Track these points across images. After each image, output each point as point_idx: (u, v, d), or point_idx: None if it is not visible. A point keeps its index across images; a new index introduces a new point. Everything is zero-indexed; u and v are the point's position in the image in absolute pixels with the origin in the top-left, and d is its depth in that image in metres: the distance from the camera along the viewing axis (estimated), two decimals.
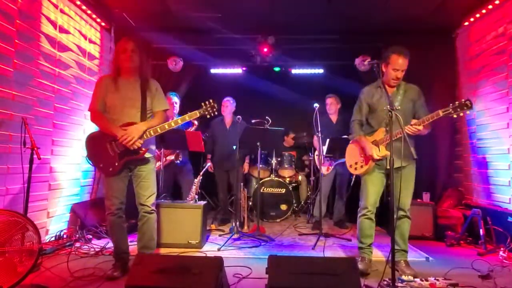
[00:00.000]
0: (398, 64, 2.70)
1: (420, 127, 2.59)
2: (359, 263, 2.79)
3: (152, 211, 2.78)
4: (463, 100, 2.54)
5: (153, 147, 2.86)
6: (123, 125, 2.62)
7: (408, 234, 2.88)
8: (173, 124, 2.70)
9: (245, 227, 4.32)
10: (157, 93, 2.80)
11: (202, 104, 2.76)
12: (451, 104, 2.56)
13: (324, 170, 4.52)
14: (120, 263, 2.68)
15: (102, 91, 2.70)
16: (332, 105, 4.65)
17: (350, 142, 3.09)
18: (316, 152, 4.79)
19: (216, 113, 2.79)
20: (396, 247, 2.77)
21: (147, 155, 2.74)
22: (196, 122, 4.35)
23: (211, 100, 2.76)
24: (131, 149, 2.59)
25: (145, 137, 2.64)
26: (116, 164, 2.62)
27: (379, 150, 2.76)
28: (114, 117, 2.66)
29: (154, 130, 2.66)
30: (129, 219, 2.79)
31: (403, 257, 2.85)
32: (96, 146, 2.67)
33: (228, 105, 4.73)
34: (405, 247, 2.86)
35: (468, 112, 2.54)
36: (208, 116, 2.79)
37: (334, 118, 4.69)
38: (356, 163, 2.96)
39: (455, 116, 2.57)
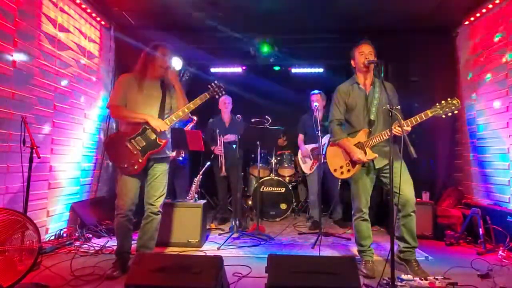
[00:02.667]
0: (362, 48, 2.83)
1: (408, 129, 2.57)
2: (363, 267, 2.75)
3: (158, 213, 2.79)
4: (449, 99, 2.50)
5: (170, 147, 2.91)
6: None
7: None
8: (186, 110, 2.75)
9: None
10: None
11: (209, 86, 2.85)
12: (437, 104, 2.53)
13: (305, 168, 4.48)
14: (121, 261, 2.68)
15: (124, 88, 2.74)
16: (319, 102, 4.46)
17: (330, 144, 2.99)
18: (299, 153, 4.79)
19: (224, 92, 2.89)
20: (406, 245, 2.75)
21: (167, 153, 2.80)
22: (195, 118, 4.35)
23: (216, 81, 2.86)
24: (158, 131, 2.66)
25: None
26: (140, 160, 2.65)
27: (366, 152, 2.71)
28: None
29: (169, 119, 2.71)
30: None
31: (413, 256, 2.75)
32: (117, 148, 2.67)
33: (227, 102, 4.74)
34: (416, 243, 2.76)
35: (456, 111, 2.51)
36: (217, 97, 2.90)
37: (320, 115, 4.54)
38: (341, 167, 2.86)
39: (443, 116, 2.53)
